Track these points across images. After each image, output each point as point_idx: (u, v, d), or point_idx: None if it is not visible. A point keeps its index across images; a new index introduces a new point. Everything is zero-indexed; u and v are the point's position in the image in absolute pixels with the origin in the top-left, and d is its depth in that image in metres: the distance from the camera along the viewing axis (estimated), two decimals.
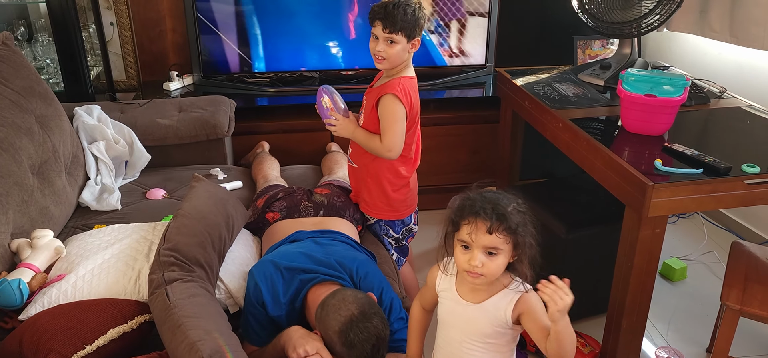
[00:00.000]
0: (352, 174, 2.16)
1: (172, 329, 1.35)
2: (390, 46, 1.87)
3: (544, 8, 3.21)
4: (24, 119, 2.07)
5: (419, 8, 1.89)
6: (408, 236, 2.17)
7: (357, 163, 2.08)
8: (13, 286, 1.60)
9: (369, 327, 1.43)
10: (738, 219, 2.96)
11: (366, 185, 2.07)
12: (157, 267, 1.56)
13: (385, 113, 1.91)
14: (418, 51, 1.97)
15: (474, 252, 1.32)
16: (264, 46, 3.08)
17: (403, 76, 1.94)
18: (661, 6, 2.25)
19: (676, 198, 1.69)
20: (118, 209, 2.24)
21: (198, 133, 2.58)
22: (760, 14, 2.46)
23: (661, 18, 2.29)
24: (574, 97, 2.35)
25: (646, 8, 2.29)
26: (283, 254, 1.73)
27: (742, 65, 2.76)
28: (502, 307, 1.38)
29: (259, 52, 3.09)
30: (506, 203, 1.34)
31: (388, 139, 1.91)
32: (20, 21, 3.02)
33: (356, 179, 2.13)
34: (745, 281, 1.86)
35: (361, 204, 2.13)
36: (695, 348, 2.28)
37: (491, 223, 1.30)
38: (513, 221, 1.31)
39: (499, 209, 1.31)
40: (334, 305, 1.47)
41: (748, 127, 2.12)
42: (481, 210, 1.32)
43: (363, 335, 1.41)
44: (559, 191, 2.53)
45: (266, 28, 3.04)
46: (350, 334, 1.42)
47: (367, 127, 1.99)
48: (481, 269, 1.32)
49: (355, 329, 1.42)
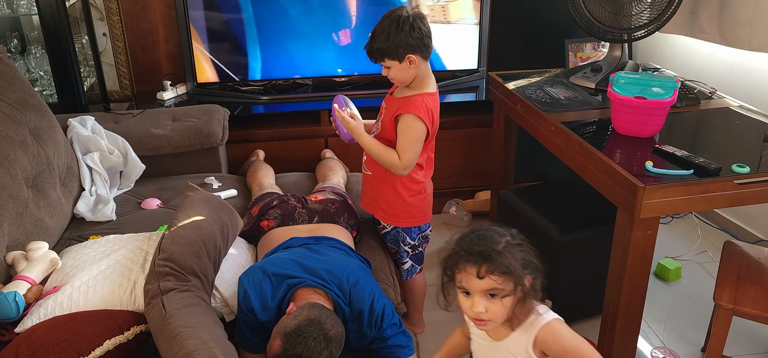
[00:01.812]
0: (367, 183, 2.13)
1: (168, 338, 1.36)
2: (388, 71, 1.91)
3: (536, 12, 3.23)
4: (18, 132, 2.08)
5: (398, 28, 1.82)
6: (423, 242, 2.17)
7: (372, 171, 2.07)
8: (9, 298, 1.60)
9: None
10: (732, 219, 2.98)
11: (383, 193, 2.06)
12: (152, 277, 1.56)
13: (406, 132, 1.90)
14: None
15: (474, 299, 1.28)
16: (257, 54, 3.09)
17: (425, 92, 1.93)
18: (652, 21, 2.27)
19: (667, 199, 1.70)
20: (113, 220, 2.24)
21: (192, 143, 2.58)
22: (747, 15, 2.49)
23: (650, 31, 2.31)
24: (565, 101, 2.37)
25: (639, 21, 2.31)
26: (273, 261, 1.74)
27: (732, 66, 2.78)
28: (523, 343, 1.34)
29: (252, 60, 3.10)
30: (496, 241, 1.28)
31: (406, 158, 1.91)
32: (13, 33, 3.02)
33: (372, 188, 2.11)
34: (738, 281, 1.87)
35: (378, 213, 2.11)
36: (690, 348, 2.30)
37: (478, 267, 1.25)
38: (505, 259, 1.25)
39: (486, 251, 1.25)
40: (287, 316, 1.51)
41: (738, 128, 2.14)
42: (469, 256, 1.26)
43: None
44: (552, 193, 2.55)
45: (259, 36, 3.05)
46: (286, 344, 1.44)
47: (383, 136, 1.98)
48: (486, 315, 1.27)
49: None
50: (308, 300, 1.57)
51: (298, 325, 1.45)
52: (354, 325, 1.63)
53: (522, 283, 1.28)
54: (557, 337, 1.33)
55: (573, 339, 1.33)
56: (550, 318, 1.34)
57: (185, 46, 3.02)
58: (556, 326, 1.34)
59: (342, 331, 1.53)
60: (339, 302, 1.62)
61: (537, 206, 2.38)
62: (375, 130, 2.04)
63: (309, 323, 1.45)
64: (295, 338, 1.42)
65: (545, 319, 1.34)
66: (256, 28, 3.03)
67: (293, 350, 1.41)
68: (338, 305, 1.62)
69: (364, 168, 2.11)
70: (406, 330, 1.68)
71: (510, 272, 1.25)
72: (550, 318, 1.34)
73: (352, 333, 1.62)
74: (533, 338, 1.33)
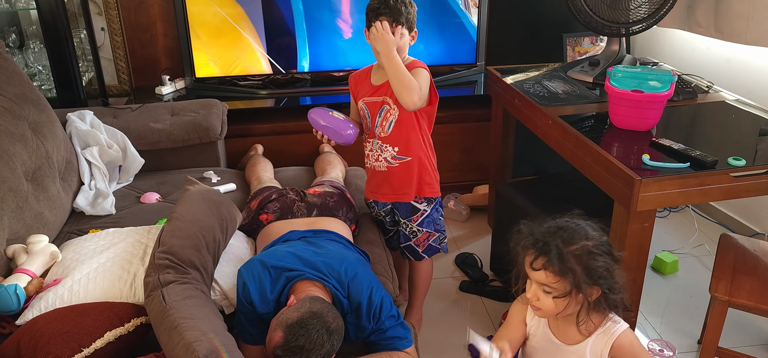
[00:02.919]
0: (405, 171, 2.05)
1: (168, 330, 1.37)
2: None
3: (534, 6, 3.24)
4: (17, 126, 2.08)
5: (411, 1, 1.93)
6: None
7: (411, 155, 2.03)
8: (9, 291, 1.61)
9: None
10: (728, 212, 3.00)
11: (425, 171, 2.07)
12: (152, 270, 1.57)
13: (419, 76, 1.91)
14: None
15: (532, 284, 1.25)
16: (256, 49, 3.09)
17: (411, 61, 1.97)
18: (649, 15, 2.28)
19: (664, 192, 1.71)
20: (112, 214, 2.25)
21: (191, 137, 2.59)
22: (742, 9, 2.50)
23: (648, 25, 2.32)
24: (563, 95, 2.38)
25: (637, 15, 2.31)
26: (272, 254, 1.75)
27: (729, 60, 2.79)
28: (598, 351, 1.30)
29: (252, 54, 3.10)
30: (573, 240, 1.21)
31: (423, 88, 1.89)
32: (11, 28, 3.02)
33: (405, 175, 2.05)
34: (733, 273, 1.88)
35: (426, 189, 2.09)
36: (687, 340, 2.31)
37: (534, 257, 1.20)
38: (567, 262, 1.18)
39: (549, 245, 1.19)
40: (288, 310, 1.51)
41: (734, 121, 2.15)
42: (532, 240, 1.21)
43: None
44: (550, 187, 2.55)
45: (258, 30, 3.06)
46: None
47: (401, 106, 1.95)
48: (536, 302, 1.24)
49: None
50: (307, 293, 1.58)
51: (300, 317, 1.45)
52: (352, 317, 1.64)
53: (584, 291, 1.22)
54: (633, 346, 1.31)
55: (645, 351, 1.33)
56: (625, 326, 1.32)
57: (183, 40, 3.02)
58: (631, 334, 1.32)
59: (342, 324, 1.54)
60: (337, 295, 1.63)
61: (534, 200, 2.39)
62: (388, 122, 2.00)
63: (312, 315, 1.46)
64: (298, 330, 1.43)
65: (622, 326, 1.31)
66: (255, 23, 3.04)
67: (296, 341, 1.42)
68: (337, 297, 1.63)
69: (389, 161, 2.04)
70: (404, 322, 1.69)
71: (566, 275, 1.19)
72: (625, 326, 1.32)
73: (351, 326, 1.63)
74: (612, 344, 1.29)
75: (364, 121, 2.08)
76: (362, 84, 2.07)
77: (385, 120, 2.01)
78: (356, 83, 2.09)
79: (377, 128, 2.03)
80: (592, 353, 1.32)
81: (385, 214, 2.19)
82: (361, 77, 2.09)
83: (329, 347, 1.46)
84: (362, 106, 2.05)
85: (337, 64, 3.17)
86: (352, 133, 2.00)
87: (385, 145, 2.03)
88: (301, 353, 1.42)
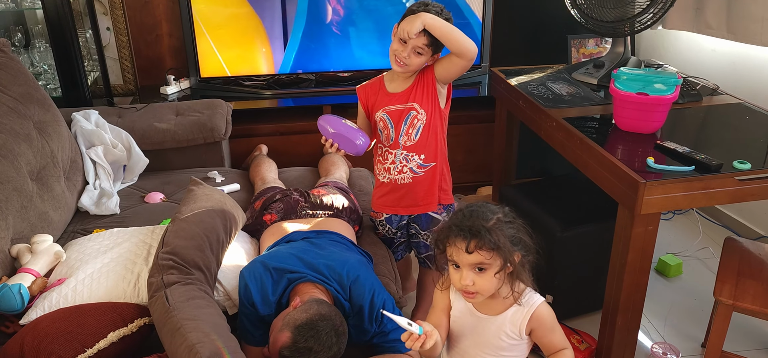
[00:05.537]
0: (429, 178, 1.99)
1: (171, 331, 1.37)
2: (417, 56, 1.81)
3: (539, 7, 3.23)
4: (22, 125, 2.09)
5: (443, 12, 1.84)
6: None
7: (436, 161, 1.98)
8: (13, 291, 1.61)
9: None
10: (733, 215, 2.99)
11: (445, 176, 2.05)
12: (156, 270, 1.58)
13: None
14: None
15: (463, 271, 1.32)
16: (261, 49, 3.09)
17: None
18: (654, 4, 2.27)
19: (668, 195, 1.71)
20: (116, 213, 2.25)
21: (195, 137, 2.60)
22: (757, 11, 2.48)
23: (655, 17, 2.31)
24: (567, 97, 2.37)
25: (640, 6, 2.31)
26: (274, 255, 1.75)
27: (735, 62, 2.78)
28: (518, 321, 1.39)
29: (257, 54, 3.10)
30: (487, 217, 1.31)
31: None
32: (17, 27, 3.03)
33: (428, 183, 2.00)
34: (738, 277, 1.88)
35: (443, 196, 2.05)
36: (691, 343, 2.30)
37: (467, 242, 1.29)
38: (493, 235, 1.28)
39: (475, 227, 1.29)
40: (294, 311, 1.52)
41: (739, 124, 2.14)
42: (459, 230, 1.30)
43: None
44: (554, 189, 2.55)
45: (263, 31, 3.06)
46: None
47: (428, 109, 1.92)
48: (473, 287, 1.32)
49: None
50: (310, 295, 1.58)
51: (310, 318, 1.46)
52: (354, 320, 1.64)
53: (511, 259, 1.32)
54: (551, 317, 1.41)
55: (558, 325, 1.43)
56: (542, 299, 1.42)
57: (188, 40, 3.03)
58: (548, 307, 1.42)
59: (346, 328, 1.55)
60: (339, 298, 1.63)
61: (538, 202, 2.38)
62: (415, 129, 1.94)
63: (321, 317, 1.47)
64: (307, 332, 1.44)
65: (539, 299, 1.41)
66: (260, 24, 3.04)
67: (305, 343, 1.43)
68: (338, 300, 1.63)
69: (414, 171, 1.97)
70: None
71: (498, 248, 1.29)
72: (542, 299, 1.42)
73: (353, 328, 1.63)
74: (531, 314, 1.39)
75: (383, 132, 1.97)
76: (377, 94, 1.96)
77: (412, 127, 1.93)
78: (369, 95, 1.98)
79: (402, 137, 1.94)
80: (512, 323, 1.40)
81: (397, 230, 2.11)
82: (373, 88, 1.97)
83: (337, 349, 1.47)
84: (383, 116, 1.94)
85: (343, 65, 3.17)
86: (363, 143, 1.87)
87: (411, 154, 1.95)
88: (309, 354, 1.44)
